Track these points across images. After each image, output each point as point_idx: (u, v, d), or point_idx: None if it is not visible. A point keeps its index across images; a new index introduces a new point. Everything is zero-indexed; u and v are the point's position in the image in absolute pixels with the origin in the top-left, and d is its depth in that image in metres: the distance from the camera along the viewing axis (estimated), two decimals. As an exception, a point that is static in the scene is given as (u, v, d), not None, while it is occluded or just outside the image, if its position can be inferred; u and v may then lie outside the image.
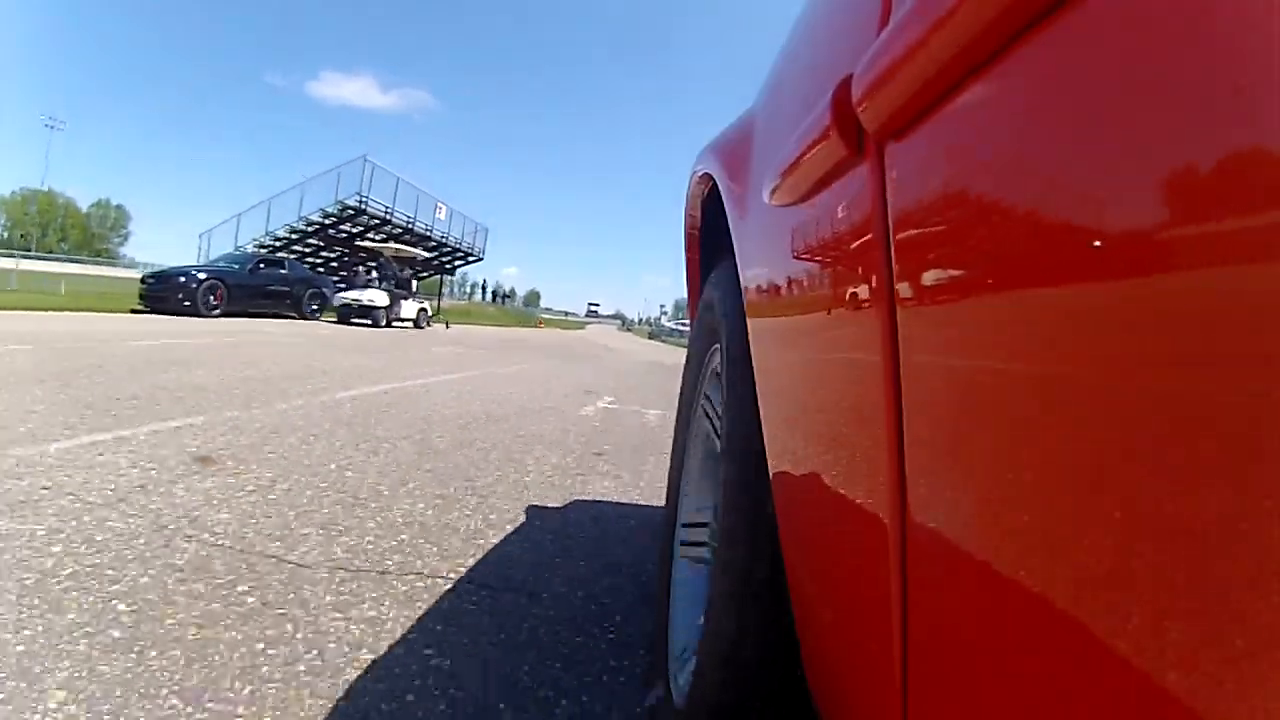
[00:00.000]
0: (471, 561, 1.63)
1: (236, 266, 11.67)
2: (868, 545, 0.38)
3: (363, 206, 14.31)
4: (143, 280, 10.92)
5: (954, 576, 0.29)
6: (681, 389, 1.25)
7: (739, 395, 0.71)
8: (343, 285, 13.63)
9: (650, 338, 31.65)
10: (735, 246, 0.83)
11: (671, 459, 1.28)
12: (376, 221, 15.30)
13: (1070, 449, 0.22)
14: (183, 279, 10.27)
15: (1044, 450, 0.24)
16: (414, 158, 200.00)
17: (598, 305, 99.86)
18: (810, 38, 0.66)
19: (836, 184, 0.46)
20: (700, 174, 1.16)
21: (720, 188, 0.95)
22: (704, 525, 1.05)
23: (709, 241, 1.32)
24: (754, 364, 0.67)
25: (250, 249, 14.49)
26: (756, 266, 0.72)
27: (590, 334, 29.34)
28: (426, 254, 17.97)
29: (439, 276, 22.00)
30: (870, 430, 0.37)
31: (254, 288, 11.50)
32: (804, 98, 0.59)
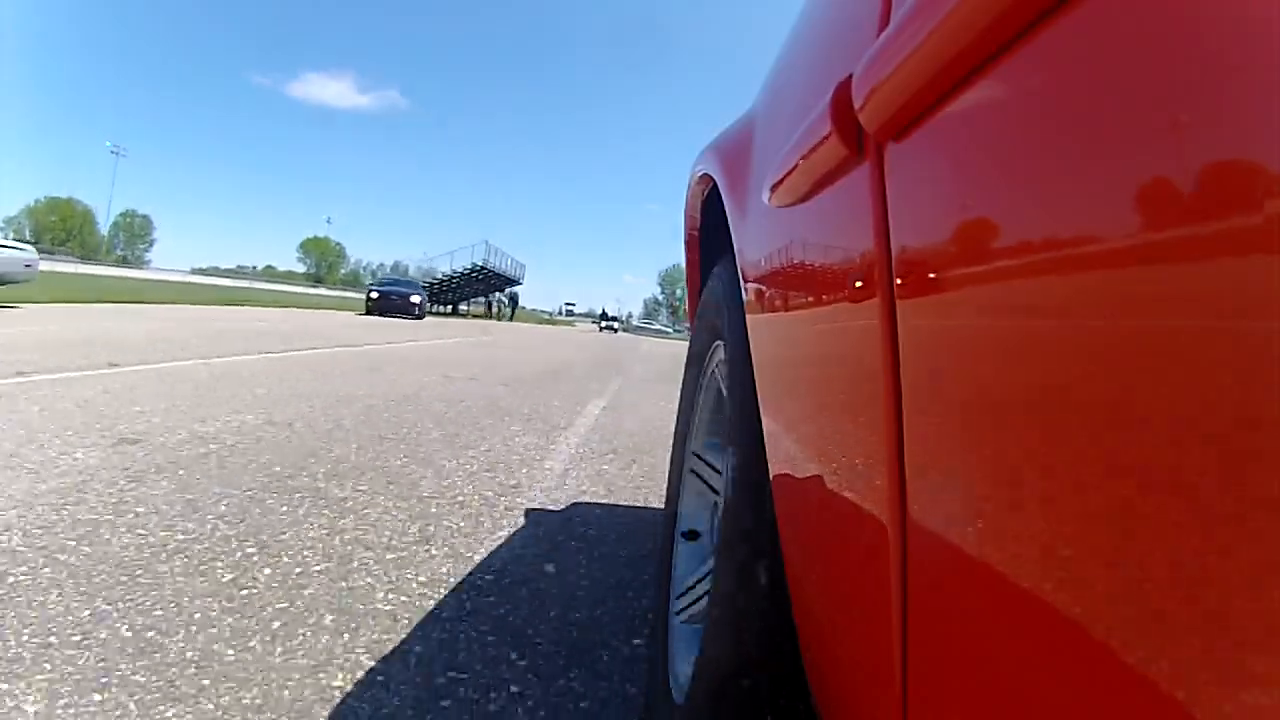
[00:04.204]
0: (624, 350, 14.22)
1: (416, 287, 19.71)
2: (868, 545, 0.38)
3: (484, 266, 29.11)
4: (372, 293, 17.70)
5: (954, 576, 0.29)
6: (683, 388, 1.25)
7: (739, 396, 0.71)
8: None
9: (625, 331, 47.09)
10: (735, 247, 0.83)
11: (673, 452, 1.28)
12: (487, 271, 29.56)
13: (1071, 449, 0.22)
14: (416, 297, 17.47)
15: (1044, 450, 0.24)
16: (390, 156, 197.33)
17: (573, 305, 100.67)
18: (810, 38, 0.66)
19: (836, 185, 0.46)
20: (700, 174, 1.16)
21: (720, 188, 0.95)
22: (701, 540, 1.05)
23: (709, 241, 1.32)
24: (754, 364, 0.68)
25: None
26: (756, 267, 0.72)
27: (581, 330, 38.18)
28: (517, 286, 35.27)
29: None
30: (870, 430, 0.37)
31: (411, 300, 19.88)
32: (804, 98, 0.59)
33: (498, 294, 33.73)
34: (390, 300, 16.25)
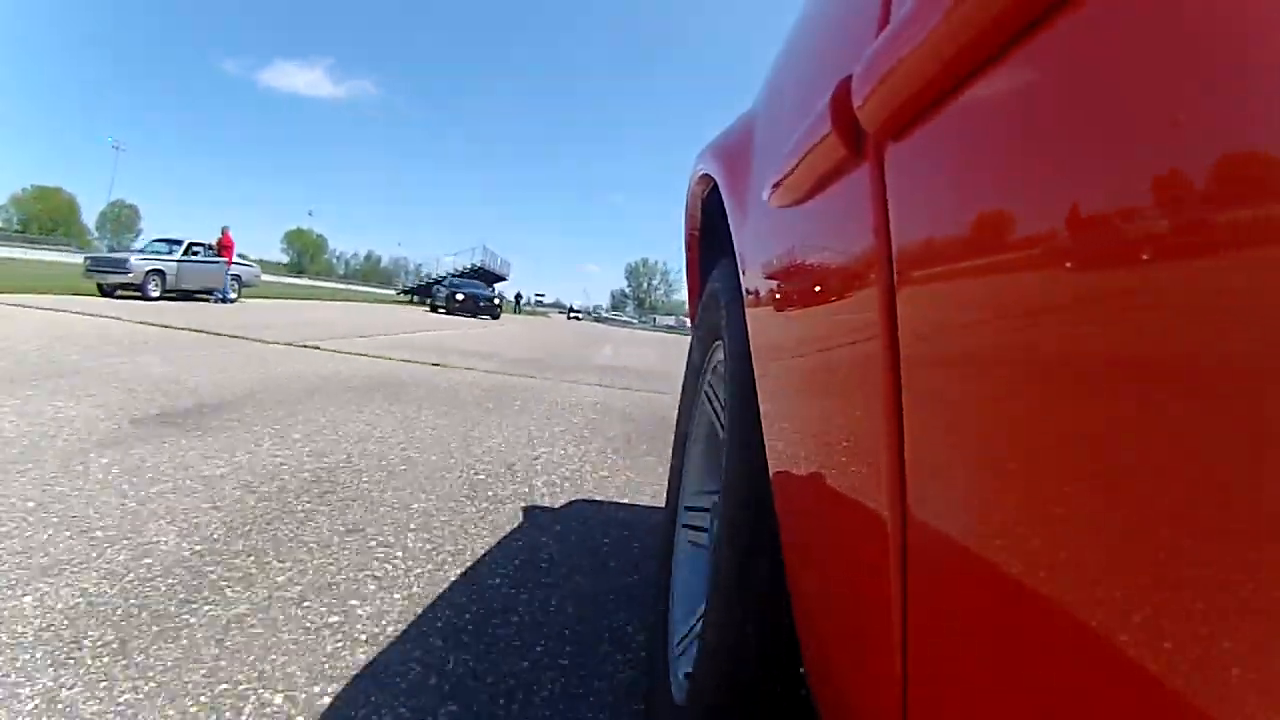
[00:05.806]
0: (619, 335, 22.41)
1: (487, 287, 20.44)
2: (868, 544, 0.38)
3: (482, 265, 31.77)
4: (458, 295, 18.63)
5: (954, 576, 0.29)
6: (683, 388, 1.25)
7: (740, 395, 0.71)
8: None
9: (595, 321, 54.69)
10: (736, 247, 0.83)
11: (674, 448, 1.28)
12: (484, 271, 32.17)
13: (1070, 449, 0.22)
14: (498, 299, 18.63)
15: (1044, 450, 0.24)
16: (363, 146, 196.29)
17: (543, 295, 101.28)
18: (810, 38, 0.66)
19: (836, 185, 0.46)
20: (700, 174, 1.16)
21: (720, 188, 0.95)
22: (705, 510, 1.05)
23: (709, 241, 1.32)
24: (754, 364, 0.68)
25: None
26: (757, 267, 0.72)
27: (557, 320, 44.31)
28: (503, 282, 39.23)
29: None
30: (870, 430, 0.37)
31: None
32: (804, 98, 0.59)
33: (496, 288, 39.38)
34: (477, 303, 16.44)
